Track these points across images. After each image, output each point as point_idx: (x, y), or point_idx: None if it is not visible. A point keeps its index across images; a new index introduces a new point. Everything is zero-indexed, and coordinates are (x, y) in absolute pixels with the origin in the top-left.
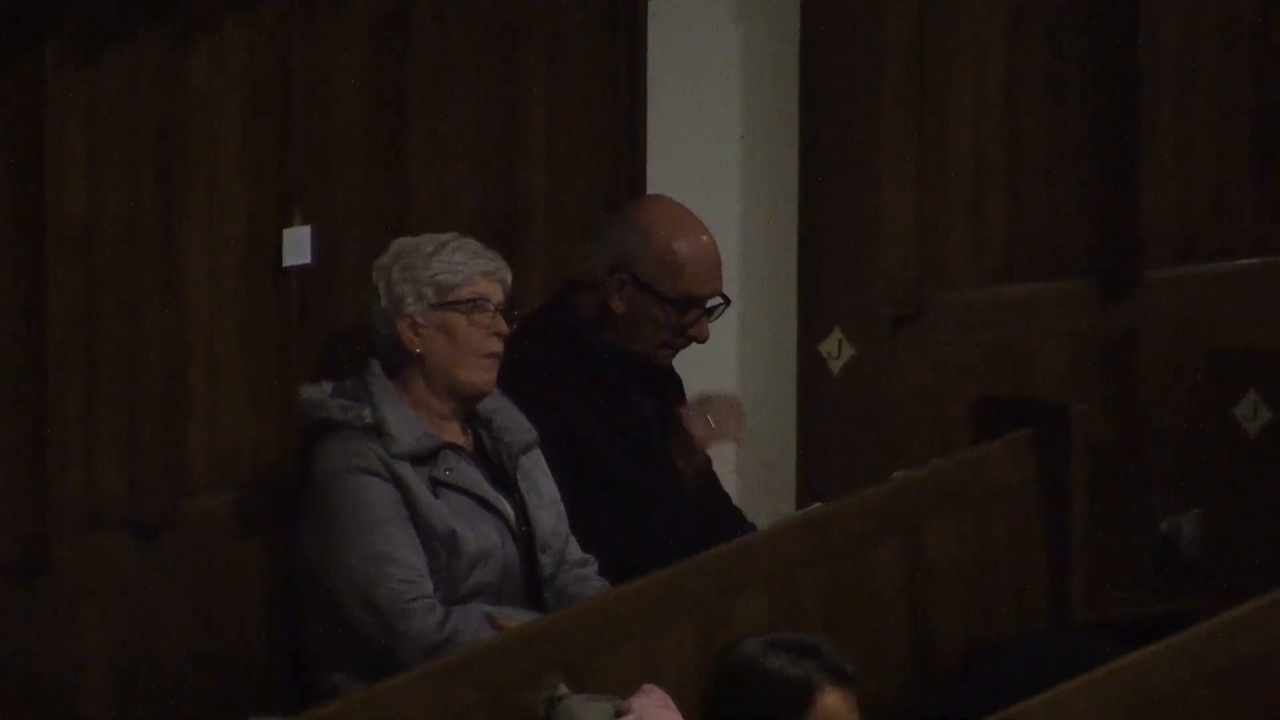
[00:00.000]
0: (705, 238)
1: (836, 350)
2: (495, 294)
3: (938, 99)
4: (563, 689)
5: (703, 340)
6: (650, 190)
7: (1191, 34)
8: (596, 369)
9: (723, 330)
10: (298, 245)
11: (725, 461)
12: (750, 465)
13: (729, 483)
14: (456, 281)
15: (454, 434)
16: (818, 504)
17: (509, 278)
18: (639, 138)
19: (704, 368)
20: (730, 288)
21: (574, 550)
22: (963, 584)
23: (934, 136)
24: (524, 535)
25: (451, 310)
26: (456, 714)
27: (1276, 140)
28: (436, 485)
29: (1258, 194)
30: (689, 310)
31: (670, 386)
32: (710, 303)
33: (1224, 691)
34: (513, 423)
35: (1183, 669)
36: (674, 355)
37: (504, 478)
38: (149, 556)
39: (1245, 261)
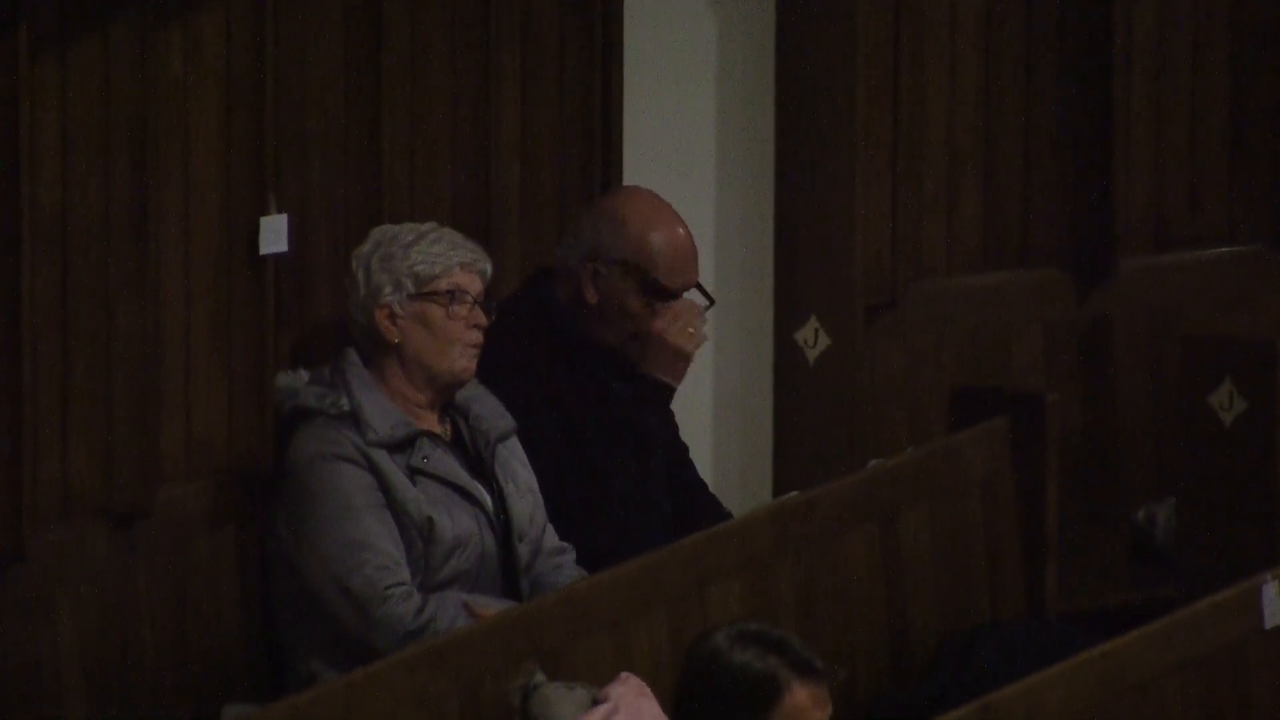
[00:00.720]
0: (680, 229)
1: (813, 339)
2: (474, 285)
3: (913, 89)
4: (539, 677)
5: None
6: (626, 181)
7: (1165, 24)
8: (572, 357)
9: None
10: (274, 234)
11: (702, 450)
12: (727, 453)
13: (706, 471)
14: (435, 273)
15: (431, 423)
16: (794, 493)
17: (488, 269)
18: (615, 128)
19: None
20: (706, 278)
21: (551, 538)
22: (937, 573)
23: (909, 126)
24: (501, 524)
25: (429, 301)
26: (432, 702)
27: (1250, 129)
28: (414, 473)
29: (1231, 183)
30: (663, 302)
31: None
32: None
33: (1198, 680)
34: (490, 411)
35: (1157, 658)
36: None
37: (481, 466)
38: (123, 545)
39: (1219, 250)
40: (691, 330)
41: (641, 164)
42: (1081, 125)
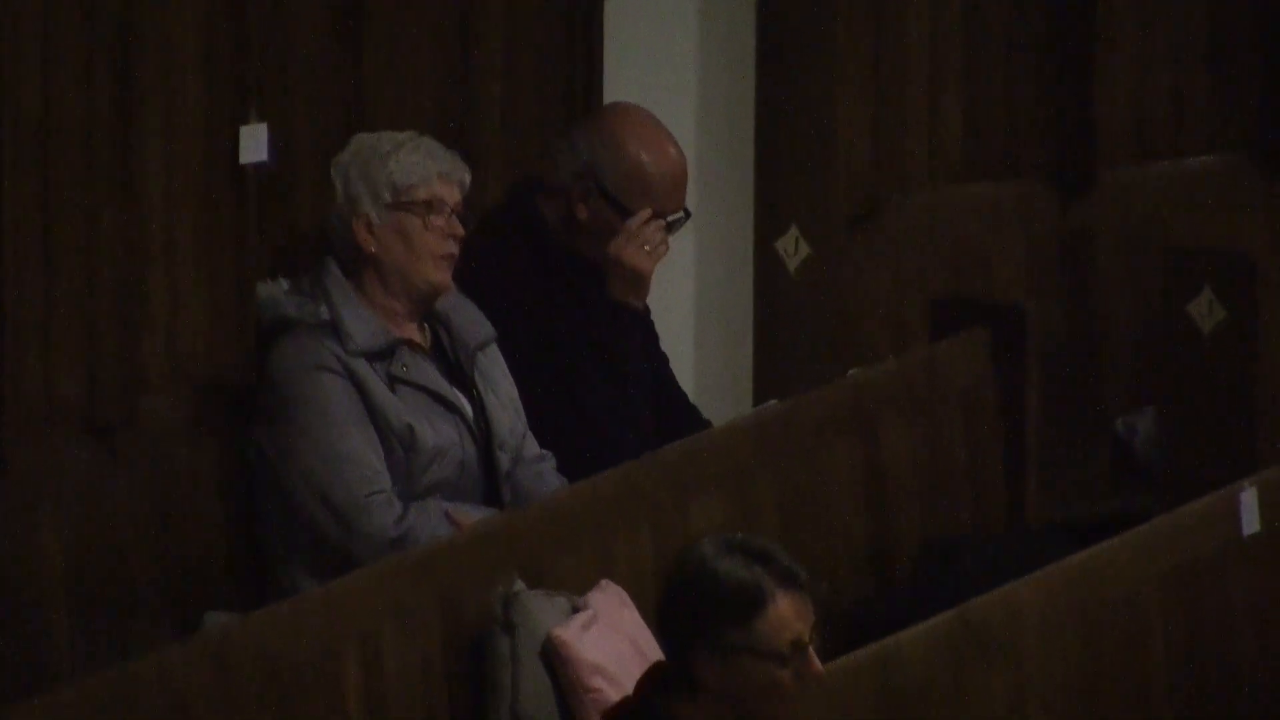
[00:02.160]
0: (674, 151)
1: (793, 248)
2: (452, 195)
3: None
4: (519, 585)
5: (662, 254)
6: (608, 93)
7: None
8: (554, 271)
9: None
10: (254, 143)
11: (683, 359)
12: (707, 363)
13: (686, 381)
14: (412, 182)
15: (411, 332)
16: (773, 401)
17: (467, 178)
18: (595, 40)
19: (661, 264)
20: (688, 185)
21: (531, 446)
22: (918, 482)
23: (891, 36)
24: (481, 432)
25: (406, 212)
26: (411, 612)
27: (1233, 38)
28: (394, 382)
29: (1214, 92)
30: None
31: None
32: (671, 217)
33: (1177, 588)
34: (469, 320)
35: (1136, 567)
36: None
37: (461, 375)
38: (105, 456)
39: (1201, 159)
40: (649, 248)
41: (623, 74)
42: (1064, 34)
